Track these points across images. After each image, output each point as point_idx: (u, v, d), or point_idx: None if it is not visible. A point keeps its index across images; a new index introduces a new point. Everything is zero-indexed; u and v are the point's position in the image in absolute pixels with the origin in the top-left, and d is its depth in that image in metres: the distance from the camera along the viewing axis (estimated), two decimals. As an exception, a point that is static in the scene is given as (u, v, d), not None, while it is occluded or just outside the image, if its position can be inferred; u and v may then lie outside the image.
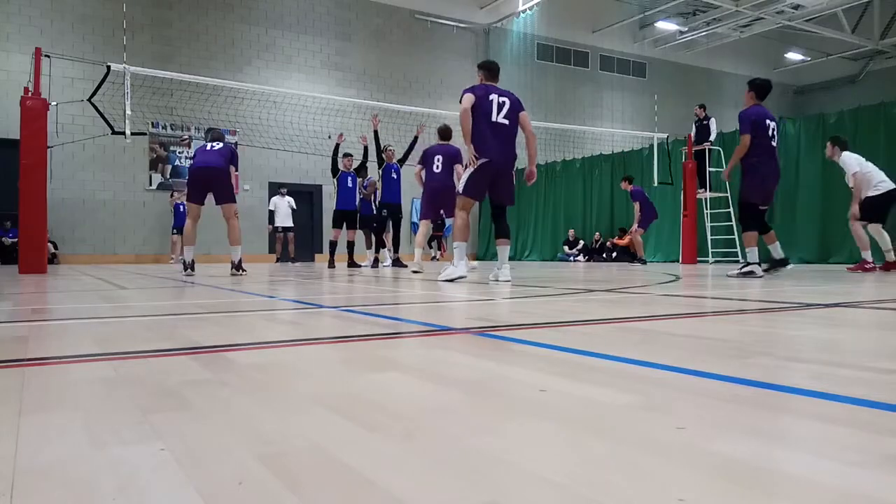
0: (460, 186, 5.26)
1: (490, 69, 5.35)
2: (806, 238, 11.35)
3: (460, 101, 5.11)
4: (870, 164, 7.75)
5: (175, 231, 12.04)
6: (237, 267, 6.96)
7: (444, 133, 7.97)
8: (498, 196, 5.33)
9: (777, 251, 6.28)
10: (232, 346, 1.80)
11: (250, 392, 1.23)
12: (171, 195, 14.65)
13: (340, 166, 9.62)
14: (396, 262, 9.65)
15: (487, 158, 5.05)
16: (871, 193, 7.59)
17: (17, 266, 7.88)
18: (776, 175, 6.17)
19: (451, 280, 5.10)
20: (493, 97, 5.09)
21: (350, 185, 9.72)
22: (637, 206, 11.36)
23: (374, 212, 9.99)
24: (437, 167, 7.68)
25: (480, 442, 0.87)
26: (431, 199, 7.81)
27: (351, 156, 9.78)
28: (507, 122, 5.10)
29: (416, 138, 9.22)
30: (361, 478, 0.74)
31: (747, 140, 5.94)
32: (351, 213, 9.78)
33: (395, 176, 9.38)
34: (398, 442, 0.89)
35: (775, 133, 6.10)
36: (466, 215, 5.27)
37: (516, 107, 5.17)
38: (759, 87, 6.11)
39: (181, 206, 12.08)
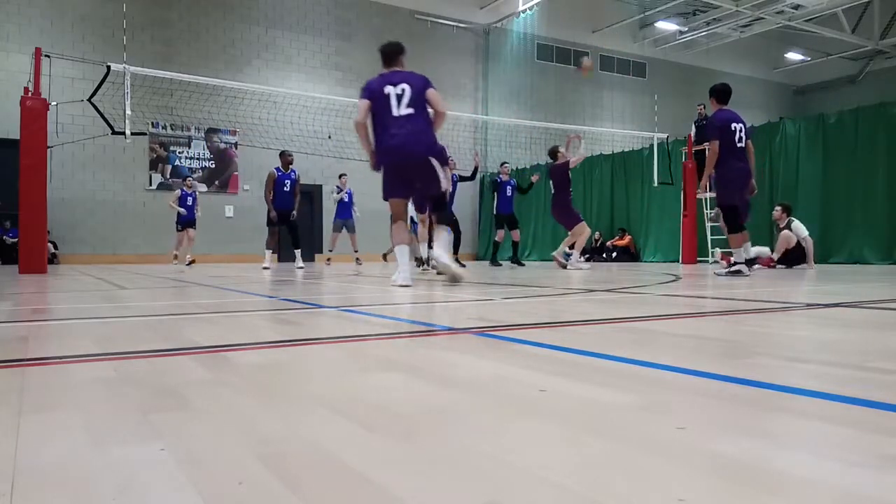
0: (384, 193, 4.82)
1: (385, 54, 4.90)
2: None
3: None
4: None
5: (180, 227, 11.85)
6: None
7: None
8: (421, 189, 4.86)
9: (748, 251, 6.41)
10: (232, 346, 1.79)
11: (250, 392, 1.23)
12: (184, 179, 13.72)
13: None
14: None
15: (389, 160, 4.63)
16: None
17: (17, 266, 7.89)
18: (747, 174, 6.27)
19: (405, 285, 4.56)
20: (389, 89, 4.63)
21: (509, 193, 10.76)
22: None
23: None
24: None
25: (480, 442, 0.87)
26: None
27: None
28: (411, 111, 4.59)
29: (476, 168, 10.41)
30: (361, 478, 0.74)
31: (716, 146, 6.10)
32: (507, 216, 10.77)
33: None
34: (398, 442, 0.89)
35: (743, 135, 6.19)
36: (397, 218, 4.80)
37: (420, 88, 4.66)
38: (720, 92, 6.31)
39: (188, 197, 11.91)
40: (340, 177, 13.07)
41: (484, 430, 0.94)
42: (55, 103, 8.31)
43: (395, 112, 4.58)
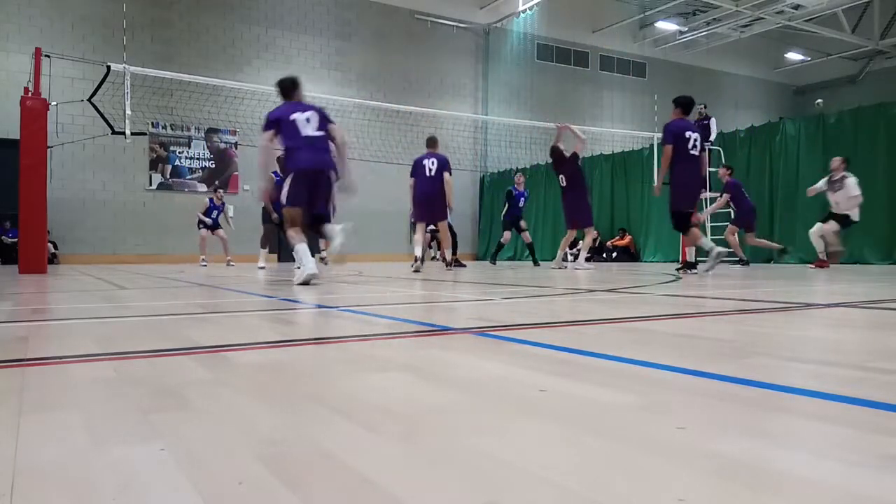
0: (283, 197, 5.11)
1: (284, 87, 5.34)
2: (805, 238, 11.33)
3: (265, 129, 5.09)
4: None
5: (202, 227, 11.96)
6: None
7: (432, 142, 8.29)
8: (313, 205, 5.09)
9: (691, 254, 6.62)
10: (232, 346, 1.80)
11: (250, 392, 1.23)
12: (216, 191, 13.61)
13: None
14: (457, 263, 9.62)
15: (299, 167, 4.97)
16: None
17: (17, 266, 7.89)
18: (698, 182, 6.68)
19: (306, 283, 4.75)
20: (297, 115, 5.04)
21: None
22: (721, 199, 10.49)
23: None
24: (431, 172, 7.93)
25: (480, 442, 0.87)
26: (422, 203, 8.01)
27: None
28: (320, 133, 5.06)
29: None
30: (361, 478, 0.74)
31: (669, 150, 6.45)
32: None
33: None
34: (398, 442, 0.89)
35: (696, 143, 6.55)
36: (293, 223, 5.05)
37: (324, 119, 5.15)
38: (684, 104, 6.69)
39: (214, 209, 12.01)
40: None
41: (484, 430, 0.94)
42: (55, 103, 8.31)
43: (303, 132, 5.01)
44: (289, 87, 5.35)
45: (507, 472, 0.75)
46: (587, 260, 9.45)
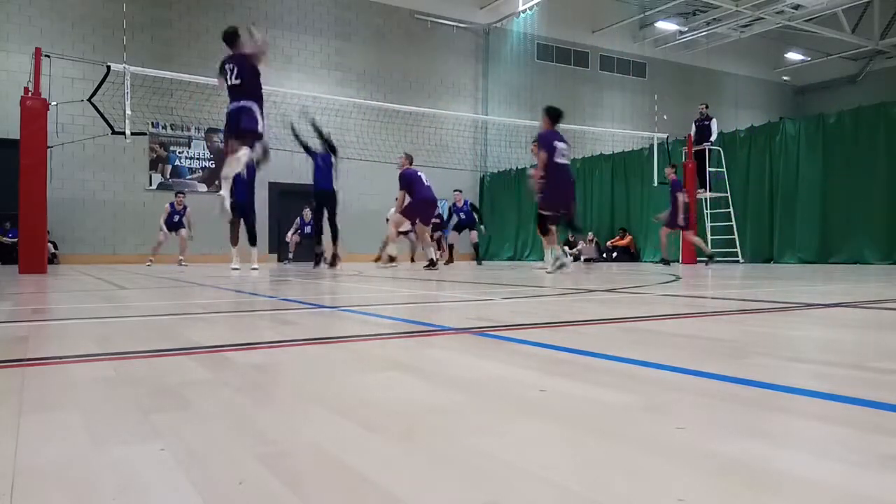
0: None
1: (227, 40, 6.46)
2: (806, 238, 11.35)
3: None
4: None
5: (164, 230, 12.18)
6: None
7: (411, 158, 9.01)
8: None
9: (556, 252, 7.13)
10: (232, 346, 1.80)
11: (250, 392, 1.23)
12: (177, 195, 13.85)
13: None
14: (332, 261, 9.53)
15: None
16: None
17: (17, 266, 7.89)
18: (567, 188, 7.05)
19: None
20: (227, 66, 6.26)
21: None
22: (680, 197, 10.70)
23: None
24: (426, 181, 8.70)
25: (480, 442, 0.87)
26: (426, 209, 8.75)
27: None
28: (237, 81, 6.26)
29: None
30: (361, 478, 0.74)
31: (545, 156, 6.78)
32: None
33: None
34: (398, 442, 0.89)
35: (565, 153, 6.97)
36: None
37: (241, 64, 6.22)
38: (554, 114, 7.00)
39: (175, 215, 12.13)
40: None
41: (484, 430, 0.94)
42: (55, 103, 8.30)
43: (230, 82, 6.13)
44: (229, 39, 6.35)
45: (507, 472, 0.75)
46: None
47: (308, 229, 13.12)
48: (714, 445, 0.84)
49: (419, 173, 8.64)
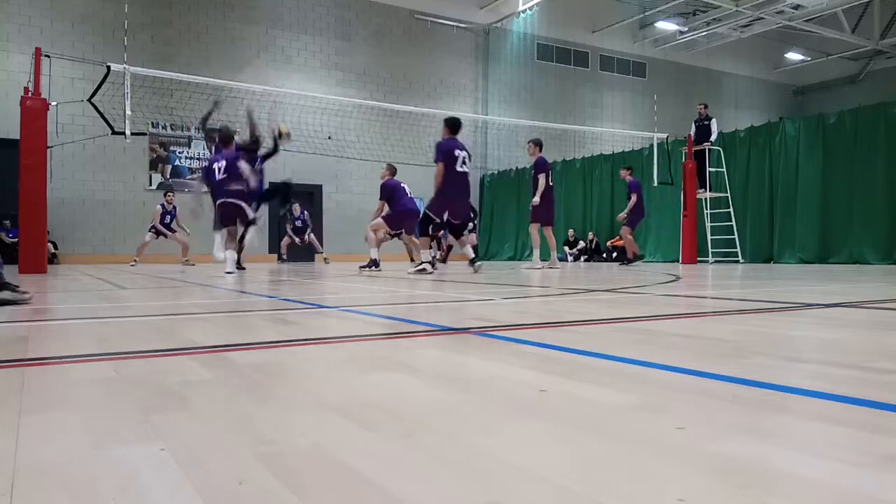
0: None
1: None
2: (806, 238, 11.35)
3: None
4: None
5: (152, 232, 12.25)
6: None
7: (394, 169, 9.10)
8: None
9: (469, 252, 7.51)
10: (232, 346, 1.79)
11: (250, 392, 1.23)
12: (165, 194, 13.94)
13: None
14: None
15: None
16: None
17: (17, 266, 7.89)
18: (461, 196, 7.23)
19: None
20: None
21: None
22: (633, 198, 11.05)
23: None
24: (410, 193, 8.79)
25: (480, 442, 0.87)
26: (408, 218, 8.81)
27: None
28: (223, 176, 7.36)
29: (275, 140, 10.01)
30: (361, 478, 0.74)
31: (442, 167, 6.95)
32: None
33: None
34: (398, 442, 0.89)
35: (465, 161, 7.13)
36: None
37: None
38: (452, 125, 7.20)
39: (167, 215, 12.21)
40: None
41: (484, 429, 0.94)
42: (55, 103, 8.29)
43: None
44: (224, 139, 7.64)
45: (507, 472, 0.75)
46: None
47: (299, 223, 13.21)
48: (714, 445, 0.84)
49: (402, 185, 8.73)
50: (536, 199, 8.95)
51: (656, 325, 2.27)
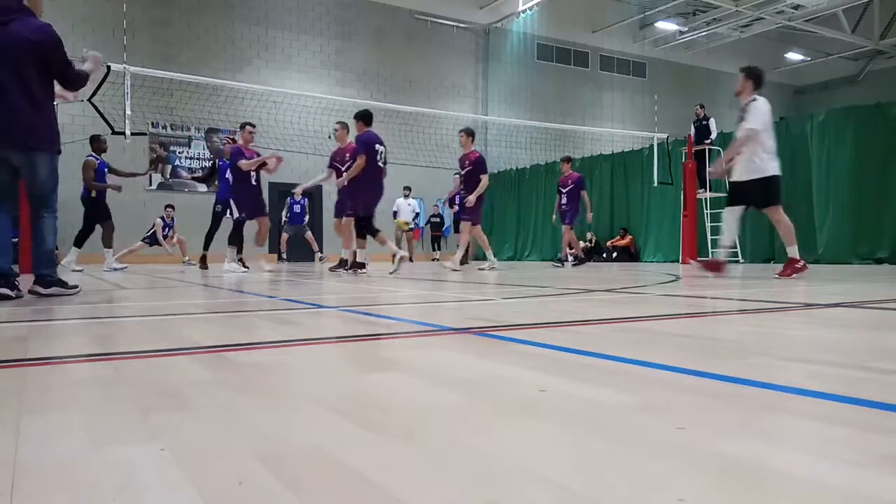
0: None
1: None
2: (806, 238, 11.34)
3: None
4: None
5: (146, 240, 12.39)
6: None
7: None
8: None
9: (360, 255, 7.42)
10: (232, 346, 1.79)
11: (250, 392, 1.23)
12: (165, 209, 13.91)
13: None
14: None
15: None
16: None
17: (17, 266, 7.89)
18: (377, 189, 7.24)
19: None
20: None
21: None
22: (585, 195, 10.84)
23: None
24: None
25: (480, 442, 0.87)
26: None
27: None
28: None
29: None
30: (361, 478, 0.74)
31: (363, 161, 6.96)
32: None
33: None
34: (398, 442, 0.89)
35: (383, 155, 7.21)
36: None
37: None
38: (366, 116, 7.27)
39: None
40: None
41: (484, 429, 0.94)
42: (56, 103, 8.28)
43: None
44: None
45: (507, 472, 0.75)
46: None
47: (298, 208, 12.95)
48: (714, 445, 0.84)
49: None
50: (472, 199, 8.72)
51: (656, 325, 2.27)
